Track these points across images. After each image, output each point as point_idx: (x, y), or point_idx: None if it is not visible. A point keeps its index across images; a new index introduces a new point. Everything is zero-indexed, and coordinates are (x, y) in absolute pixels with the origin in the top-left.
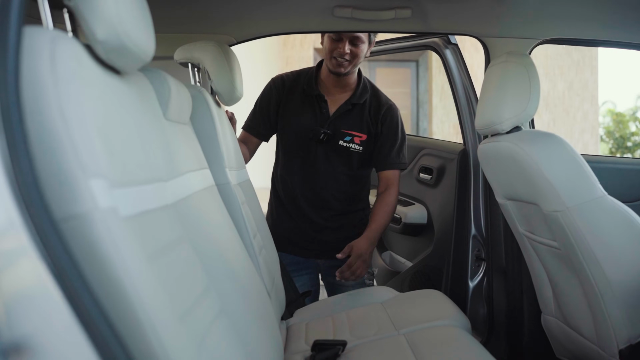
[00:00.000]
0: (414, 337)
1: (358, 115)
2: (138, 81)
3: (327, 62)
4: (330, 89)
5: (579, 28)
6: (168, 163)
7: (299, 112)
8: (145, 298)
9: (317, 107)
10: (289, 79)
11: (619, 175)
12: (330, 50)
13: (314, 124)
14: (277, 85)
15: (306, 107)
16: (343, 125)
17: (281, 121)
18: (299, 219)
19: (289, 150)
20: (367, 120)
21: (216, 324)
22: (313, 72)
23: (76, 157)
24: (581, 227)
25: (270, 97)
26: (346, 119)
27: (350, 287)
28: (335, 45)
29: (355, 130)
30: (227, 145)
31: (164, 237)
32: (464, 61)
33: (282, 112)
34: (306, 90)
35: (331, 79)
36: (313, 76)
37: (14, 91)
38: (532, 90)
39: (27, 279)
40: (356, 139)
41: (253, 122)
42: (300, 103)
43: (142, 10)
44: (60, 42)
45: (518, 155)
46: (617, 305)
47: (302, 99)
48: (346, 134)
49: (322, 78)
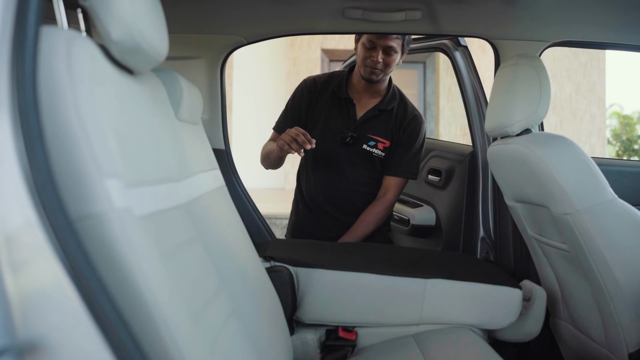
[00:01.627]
0: (423, 337)
1: (384, 122)
2: (150, 81)
3: (360, 68)
4: (360, 94)
5: (589, 31)
6: (180, 163)
7: (327, 114)
8: (159, 298)
9: (346, 110)
10: (321, 80)
11: (626, 178)
12: (363, 58)
13: (341, 127)
14: (308, 87)
15: (335, 109)
16: (369, 130)
17: (310, 122)
18: (321, 216)
19: (315, 151)
20: (392, 128)
21: (228, 325)
22: (344, 76)
23: (92, 157)
24: (591, 230)
25: (301, 98)
26: (372, 124)
27: None
28: (369, 54)
29: (379, 136)
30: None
31: (177, 237)
32: (474, 63)
33: (312, 112)
34: (336, 92)
35: (362, 84)
36: (344, 79)
37: (32, 91)
38: (543, 92)
39: (43, 279)
40: (380, 145)
41: (285, 123)
42: (330, 105)
43: (156, 10)
44: (75, 42)
45: (528, 158)
46: (626, 309)
47: (331, 100)
48: (371, 138)
49: (354, 82)
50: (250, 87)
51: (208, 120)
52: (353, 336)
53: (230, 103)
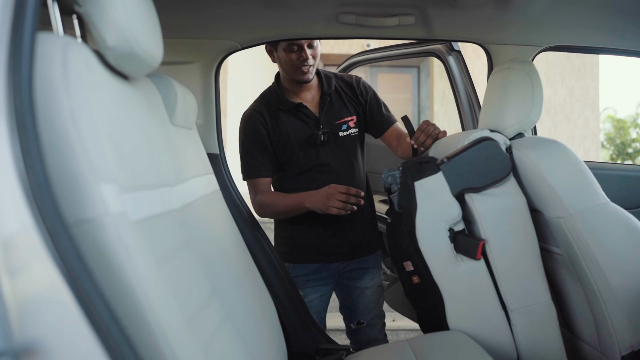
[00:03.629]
0: (417, 341)
1: (339, 102)
2: (145, 87)
3: (292, 74)
4: (300, 94)
5: (581, 35)
6: (174, 168)
7: (291, 130)
8: (154, 302)
9: (303, 116)
10: (260, 107)
11: (620, 182)
12: (293, 62)
13: (309, 131)
14: (257, 120)
15: (293, 121)
16: (333, 118)
17: (278, 147)
18: (324, 223)
19: (298, 166)
20: (348, 101)
21: (222, 328)
22: (277, 89)
23: (87, 162)
24: (584, 233)
25: (261, 134)
26: (332, 111)
27: (366, 288)
28: (298, 55)
29: (345, 116)
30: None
31: (171, 242)
32: (467, 68)
33: (277, 139)
34: (282, 108)
35: (296, 86)
36: (279, 92)
37: (28, 96)
38: (535, 97)
39: (39, 282)
40: (351, 123)
41: (262, 165)
42: (285, 121)
43: (151, 17)
44: (71, 48)
45: (521, 162)
46: (619, 312)
47: (284, 117)
48: (340, 123)
49: (289, 90)
50: (245, 92)
51: (202, 125)
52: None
53: (225, 108)
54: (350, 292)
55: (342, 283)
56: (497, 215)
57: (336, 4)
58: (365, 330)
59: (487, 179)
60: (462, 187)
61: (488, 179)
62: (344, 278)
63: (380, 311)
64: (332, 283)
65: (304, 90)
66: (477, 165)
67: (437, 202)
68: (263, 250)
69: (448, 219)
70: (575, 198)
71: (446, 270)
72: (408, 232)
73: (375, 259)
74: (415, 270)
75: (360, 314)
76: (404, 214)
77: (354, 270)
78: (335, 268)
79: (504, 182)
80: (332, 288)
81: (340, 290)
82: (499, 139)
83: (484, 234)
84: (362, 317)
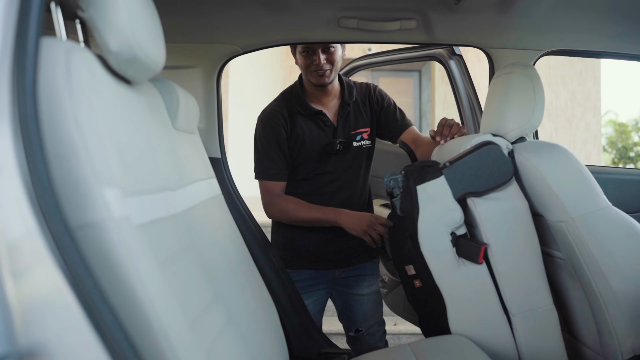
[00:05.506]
0: (419, 346)
1: (356, 113)
2: (148, 91)
3: (309, 77)
4: (321, 100)
5: (583, 40)
6: (177, 172)
7: (307, 135)
8: (157, 305)
9: (321, 123)
10: (280, 108)
11: (621, 186)
12: (306, 66)
13: (326, 139)
14: (280, 121)
15: (311, 127)
16: (349, 127)
17: (294, 151)
18: (323, 231)
19: (305, 171)
20: (365, 113)
21: (225, 332)
22: (299, 91)
23: (91, 166)
24: (586, 237)
25: (281, 135)
26: (349, 121)
27: (363, 295)
28: (310, 60)
29: (360, 127)
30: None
31: (174, 246)
32: (469, 72)
33: (293, 143)
34: (302, 111)
35: (318, 90)
36: (301, 95)
37: (32, 101)
38: (537, 101)
39: (43, 286)
40: (364, 135)
41: (276, 168)
42: (302, 125)
43: (154, 21)
44: (74, 52)
45: (523, 166)
46: (621, 316)
47: (303, 121)
48: (356, 134)
49: (310, 93)
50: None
51: (204, 129)
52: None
53: (227, 112)
54: (347, 299)
55: (338, 290)
56: (499, 219)
57: (338, 8)
58: (365, 338)
59: (489, 183)
60: (465, 191)
61: (490, 183)
62: (340, 285)
63: (379, 319)
64: (328, 289)
65: (325, 96)
66: (479, 169)
67: (439, 206)
68: (265, 255)
69: (450, 223)
70: (577, 202)
71: (448, 274)
72: (410, 235)
73: (373, 266)
74: (417, 274)
75: (358, 322)
76: (406, 217)
77: (350, 277)
78: (331, 274)
79: (506, 187)
80: (327, 293)
81: (338, 297)
82: (501, 143)
83: (486, 238)
84: (361, 325)
